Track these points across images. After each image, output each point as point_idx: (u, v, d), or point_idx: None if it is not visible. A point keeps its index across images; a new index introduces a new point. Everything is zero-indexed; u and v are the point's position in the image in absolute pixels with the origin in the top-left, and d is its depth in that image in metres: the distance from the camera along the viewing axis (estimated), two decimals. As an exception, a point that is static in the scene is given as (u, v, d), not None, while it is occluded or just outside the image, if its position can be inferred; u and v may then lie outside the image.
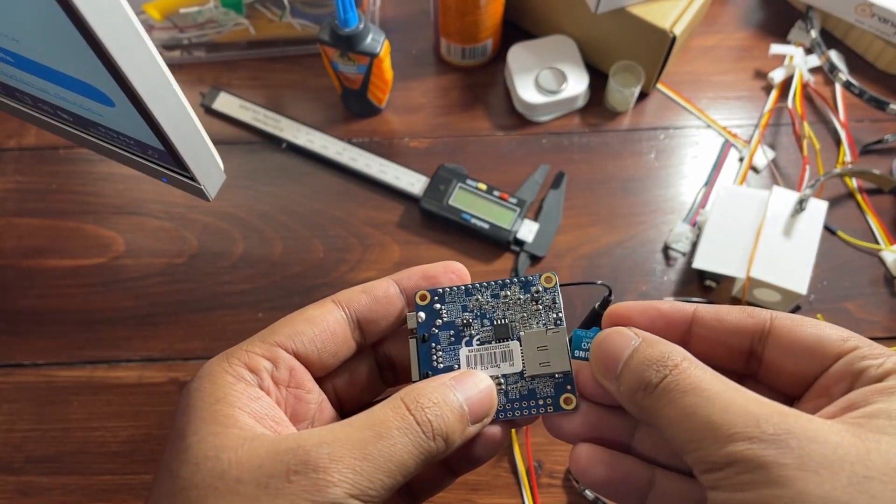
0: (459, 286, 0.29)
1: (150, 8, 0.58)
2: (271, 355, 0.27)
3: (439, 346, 0.29)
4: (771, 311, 0.25)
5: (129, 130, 0.32)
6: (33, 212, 0.57)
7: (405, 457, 0.23)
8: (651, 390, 0.23)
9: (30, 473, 0.49)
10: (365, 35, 0.52)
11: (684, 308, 0.26)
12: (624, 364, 0.24)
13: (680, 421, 0.22)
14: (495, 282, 0.29)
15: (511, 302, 0.29)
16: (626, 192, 0.57)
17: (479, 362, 0.28)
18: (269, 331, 0.28)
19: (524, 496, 0.47)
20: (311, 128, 0.58)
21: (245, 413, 0.25)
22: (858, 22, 0.58)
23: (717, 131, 0.59)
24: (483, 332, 0.29)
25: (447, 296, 0.29)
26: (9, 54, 0.30)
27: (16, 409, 0.51)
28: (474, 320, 0.29)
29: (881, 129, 0.58)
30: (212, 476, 0.23)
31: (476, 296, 0.29)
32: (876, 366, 0.22)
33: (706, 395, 0.22)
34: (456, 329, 0.29)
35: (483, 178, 0.56)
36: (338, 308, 0.29)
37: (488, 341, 0.29)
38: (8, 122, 0.60)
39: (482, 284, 0.29)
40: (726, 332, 0.25)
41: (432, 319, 0.29)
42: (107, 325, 0.53)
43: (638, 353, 0.24)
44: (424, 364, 0.29)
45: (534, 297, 0.29)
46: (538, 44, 0.59)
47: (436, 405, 0.25)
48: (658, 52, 0.56)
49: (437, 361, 0.29)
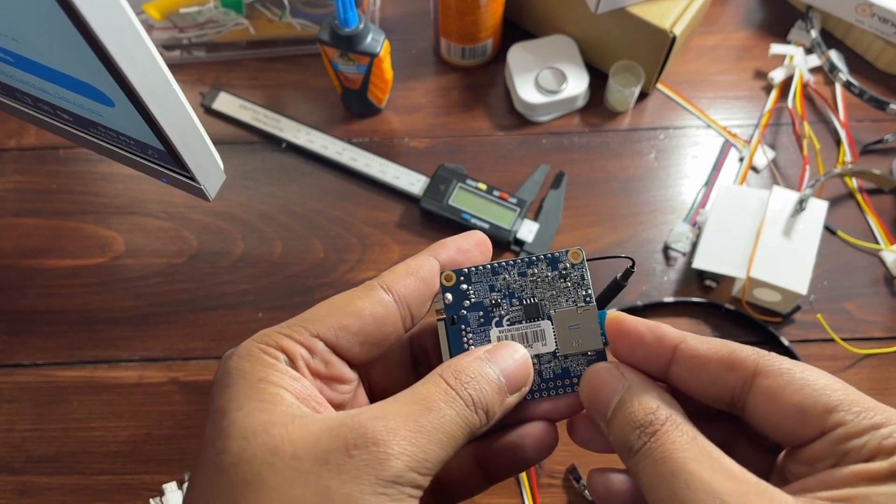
0: (485, 265, 0.28)
1: (150, 8, 0.58)
2: (310, 345, 0.26)
3: (469, 327, 0.28)
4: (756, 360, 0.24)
5: (129, 130, 0.32)
6: (33, 212, 0.57)
7: (454, 428, 0.23)
8: (632, 454, 0.23)
9: (30, 473, 0.49)
10: (365, 35, 0.52)
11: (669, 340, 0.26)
12: (612, 413, 0.25)
13: (652, 488, 0.22)
14: (521, 259, 0.28)
15: (539, 280, 0.28)
16: (626, 192, 0.57)
17: None
18: (311, 316, 0.26)
19: (524, 496, 0.47)
20: (311, 128, 0.58)
21: (289, 392, 0.24)
22: (858, 22, 0.58)
23: (717, 131, 0.59)
24: (513, 312, 0.28)
25: (473, 276, 0.28)
26: (9, 54, 0.30)
27: (16, 409, 0.51)
28: (503, 300, 0.28)
29: (881, 129, 0.58)
30: (264, 451, 0.22)
31: (503, 274, 0.28)
32: (859, 447, 0.21)
33: (675, 466, 0.22)
34: (485, 310, 0.28)
35: (483, 178, 0.56)
36: (387, 296, 0.27)
37: (518, 321, 0.28)
38: (8, 122, 0.60)
39: (508, 263, 0.28)
40: (704, 382, 0.25)
41: (460, 301, 0.28)
42: (107, 325, 0.53)
43: (625, 405, 0.24)
44: (455, 347, 0.28)
45: (562, 275, 0.28)
46: (538, 44, 0.59)
47: (474, 379, 0.25)
48: (658, 51, 0.55)
49: (468, 343, 0.28)
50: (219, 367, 0.26)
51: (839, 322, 0.52)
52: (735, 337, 0.52)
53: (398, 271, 0.28)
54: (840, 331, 0.50)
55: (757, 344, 0.53)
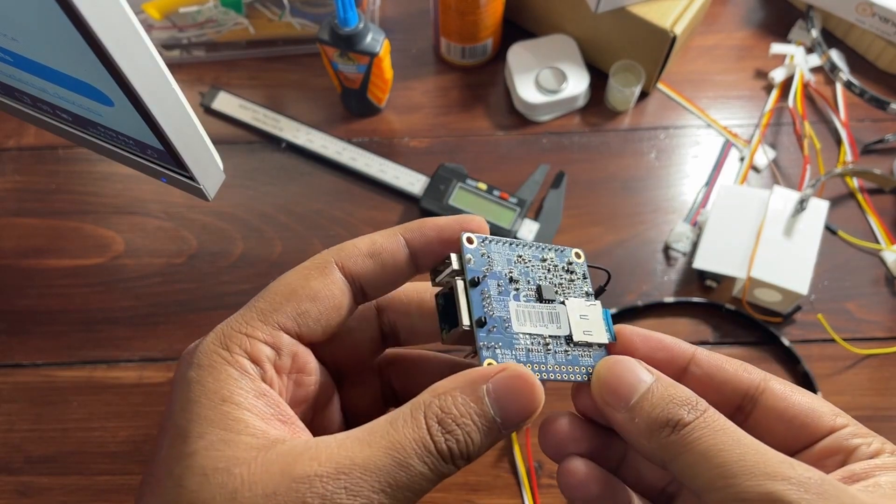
0: (503, 238, 0.28)
1: (150, 7, 0.58)
2: (274, 341, 0.24)
3: (489, 292, 0.26)
4: (765, 372, 0.25)
5: (129, 130, 0.32)
6: (32, 212, 0.57)
7: (424, 485, 0.22)
8: (680, 428, 0.23)
9: (29, 473, 0.49)
10: (365, 34, 0.52)
11: (685, 346, 0.27)
12: (641, 397, 0.24)
13: (709, 457, 0.22)
14: (535, 244, 0.28)
15: (552, 266, 0.28)
16: (626, 192, 0.57)
17: (528, 318, 0.27)
18: (268, 305, 0.25)
19: (524, 496, 0.47)
20: (311, 127, 0.58)
21: (253, 415, 0.23)
22: (859, 21, 0.58)
23: (717, 131, 0.59)
24: (528, 291, 0.27)
25: (494, 243, 0.27)
26: (8, 54, 0.30)
27: (15, 410, 0.50)
28: (520, 276, 0.27)
29: (882, 129, 0.58)
30: (223, 494, 0.21)
31: (520, 251, 0.28)
32: (867, 444, 0.23)
33: (737, 436, 0.22)
34: (504, 280, 0.27)
35: (483, 178, 0.56)
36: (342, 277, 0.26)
37: (534, 300, 0.27)
38: (7, 122, 0.60)
39: (523, 242, 0.28)
40: (722, 380, 0.26)
41: (482, 263, 0.27)
42: (106, 325, 0.53)
43: (659, 389, 0.24)
44: (478, 309, 0.26)
45: (568, 268, 0.29)
46: (538, 43, 0.59)
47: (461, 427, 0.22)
48: (658, 51, 0.55)
49: (489, 309, 0.26)
50: (178, 369, 0.24)
51: (840, 322, 0.52)
52: (735, 337, 0.52)
53: (359, 248, 0.26)
54: (841, 331, 0.50)
55: (757, 344, 0.53)
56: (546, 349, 0.27)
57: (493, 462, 0.48)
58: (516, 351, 0.26)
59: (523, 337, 0.26)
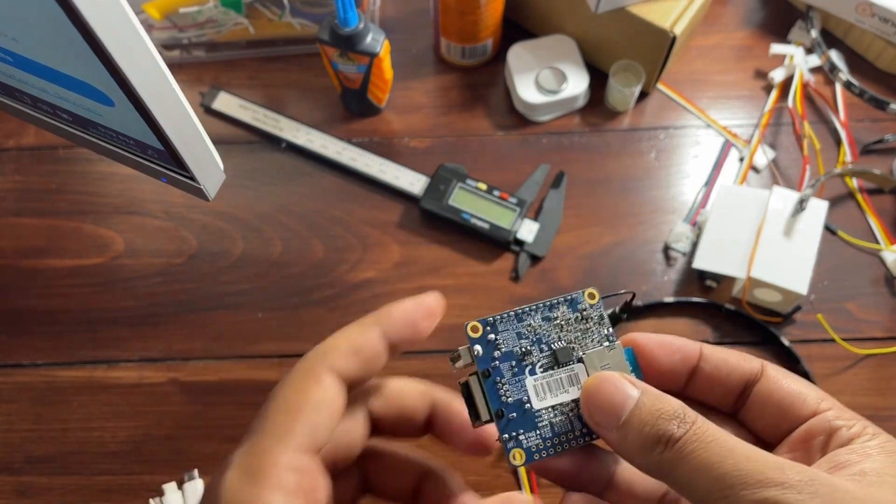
0: (509, 312, 0.27)
1: (150, 7, 0.58)
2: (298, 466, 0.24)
3: (503, 378, 0.26)
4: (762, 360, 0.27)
5: (129, 130, 0.32)
6: (32, 212, 0.57)
7: None
8: (672, 443, 0.23)
9: (29, 473, 0.49)
10: (365, 34, 0.52)
11: (693, 344, 0.27)
12: (630, 415, 0.24)
13: (705, 470, 0.22)
14: (542, 304, 0.28)
15: (563, 323, 0.28)
16: (626, 192, 0.57)
17: (548, 390, 0.27)
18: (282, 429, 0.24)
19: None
20: (311, 127, 0.58)
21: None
22: (859, 22, 0.58)
23: (717, 131, 0.59)
24: (544, 359, 0.27)
25: (499, 323, 0.27)
26: (8, 54, 0.30)
27: (15, 409, 0.50)
28: (532, 347, 0.27)
29: (881, 129, 0.58)
30: None
31: (528, 320, 0.27)
32: (848, 426, 0.24)
33: (728, 445, 0.23)
34: (516, 358, 0.27)
35: (483, 178, 0.56)
36: (334, 381, 0.25)
37: (551, 367, 0.27)
38: (7, 122, 0.60)
39: (531, 308, 0.28)
40: (727, 371, 0.27)
41: (490, 352, 0.27)
42: (106, 325, 0.53)
43: (646, 405, 0.24)
44: (494, 401, 0.26)
45: (583, 316, 0.28)
46: (538, 43, 0.59)
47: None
48: (658, 51, 0.55)
49: (505, 396, 0.26)
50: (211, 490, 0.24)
51: (839, 322, 0.52)
52: (735, 337, 0.52)
53: (341, 348, 0.26)
54: (840, 331, 0.50)
55: (757, 344, 0.53)
56: (571, 415, 0.26)
57: (493, 462, 0.48)
58: (540, 430, 0.26)
59: (545, 412, 0.26)
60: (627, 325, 0.52)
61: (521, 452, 0.26)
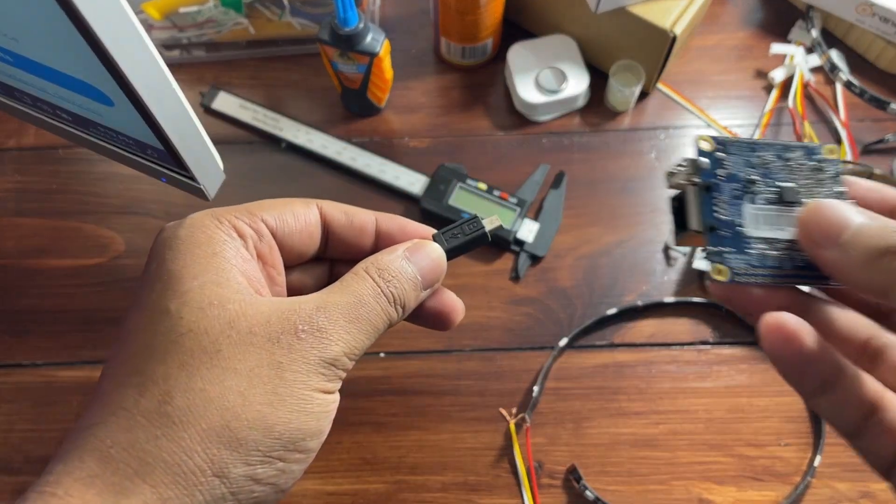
0: (744, 138, 0.27)
1: (150, 7, 0.58)
2: (257, 227, 0.28)
3: (723, 196, 0.26)
4: None
5: (129, 130, 0.32)
6: (33, 212, 0.57)
7: (378, 321, 0.27)
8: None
9: (28, 474, 0.49)
10: (365, 34, 0.52)
11: None
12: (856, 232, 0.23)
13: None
14: (780, 143, 0.27)
15: (796, 166, 0.27)
16: (626, 192, 0.57)
17: (764, 222, 0.26)
18: (255, 205, 0.28)
19: (524, 496, 0.47)
20: (311, 127, 0.58)
21: (238, 272, 0.26)
22: (859, 21, 0.58)
23: (717, 131, 0.59)
24: (768, 192, 0.26)
25: (731, 145, 0.26)
26: (8, 53, 0.30)
27: (15, 410, 0.50)
28: (759, 177, 0.26)
29: (882, 129, 0.58)
30: (221, 323, 0.24)
31: (761, 152, 0.26)
32: None
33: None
34: (740, 182, 0.26)
35: (483, 178, 0.56)
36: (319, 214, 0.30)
37: (773, 203, 0.26)
38: (7, 122, 0.60)
39: (766, 142, 0.27)
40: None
41: (715, 167, 0.26)
42: (107, 325, 0.53)
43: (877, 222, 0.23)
44: (707, 214, 0.25)
45: (819, 166, 0.27)
46: (538, 43, 0.59)
47: (395, 278, 0.27)
48: (658, 51, 0.55)
49: (720, 213, 0.26)
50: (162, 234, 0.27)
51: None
52: (735, 337, 0.52)
53: (337, 205, 0.30)
54: (841, 331, 0.50)
55: (757, 344, 0.53)
56: (783, 254, 0.25)
57: (493, 462, 0.48)
58: (749, 255, 0.25)
59: (757, 242, 0.25)
60: (630, 323, 0.52)
61: (724, 269, 0.25)
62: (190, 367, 0.23)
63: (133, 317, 0.25)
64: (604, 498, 0.47)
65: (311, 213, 0.29)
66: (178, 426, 0.23)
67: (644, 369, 0.51)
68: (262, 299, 0.25)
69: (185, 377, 0.23)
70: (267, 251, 0.28)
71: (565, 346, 0.51)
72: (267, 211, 0.28)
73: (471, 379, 0.50)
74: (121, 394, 0.23)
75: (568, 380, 0.51)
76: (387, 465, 0.49)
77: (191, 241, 0.26)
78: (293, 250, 0.29)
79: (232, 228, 0.27)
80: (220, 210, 0.28)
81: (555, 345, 0.51)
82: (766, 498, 0.48)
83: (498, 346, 0.52)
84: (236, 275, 0.26)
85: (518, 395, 0.50)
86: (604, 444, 0.49)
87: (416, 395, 0.50)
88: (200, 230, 0.26)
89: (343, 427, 0.49)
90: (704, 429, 0.49)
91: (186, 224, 0.27)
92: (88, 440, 0.23)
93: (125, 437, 0.22)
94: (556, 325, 0.52)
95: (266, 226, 0.28)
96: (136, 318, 0.25)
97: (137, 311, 0.25)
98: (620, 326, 0.52)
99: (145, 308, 0.25)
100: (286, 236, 0.29)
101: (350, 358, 0.26)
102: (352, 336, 0.26)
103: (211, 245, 0.26)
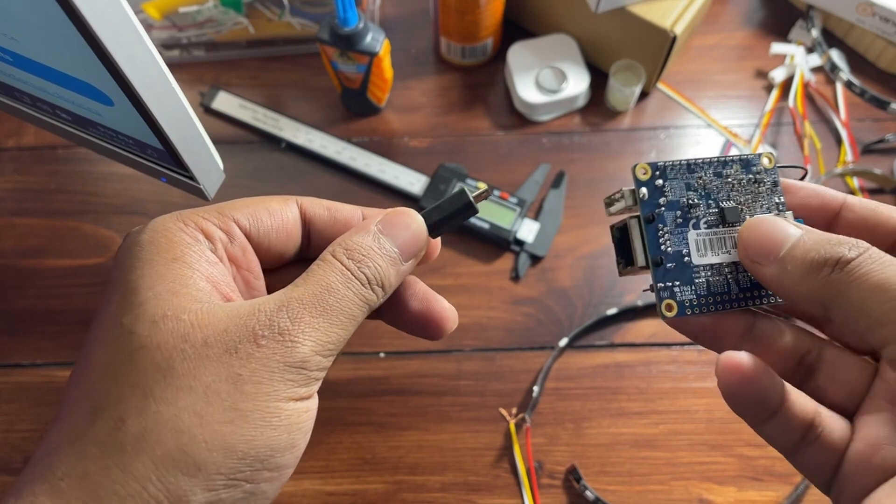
0: (681, 161, 0.26)
1: (150, 7, 0.58)
2: (227, 228, 0.26)
3: (666, 227, 0.25)
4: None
5: (129, 130, 0.32)
6: (32, 212, 0.57)
7: (353, 308, 0.24)
8: (843, 265, 0.22)
9: (29, 474, 0.49)
10: (364, 34, 0.52)
11: (835, 192, 0.26)
12: (792, 247, 0.23)
13: (881, 291, 0.21)
14: (716, 159, 0.26)
15: (735, 182, 0.26)
16: (626, 192, 0.57)
17: (709, 248, 0.26)
18: (227, 205, 0.26)
19: (524, 496, 0.47)
20: (311, 127, 0.58)
21: (202, 276, 0.24)
22: (860, 21, 0.58)
23: (717, 131, 0.59)
24: (710, 215, 0.26)
25: (669, 171, 0.26)
26: (8, 53, 0.30)
27: (15, 410, 0.50)
28: (699, 200, 0.26)
29: (882, 129, 0.58)
30: (174, 337, 0.22)
31: (699, 173, 0.26)
32: None
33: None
34: (682, 209, 0.26)
35: (483, 178, 0.56)
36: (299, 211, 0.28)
37: (716, 225, 0.26)
38: (6, 122, 0.60)
39: (704, 161, 0.26)
40: (877, 222, 0.25)
41: (656, 198, 0.26)
42: (106, 325, 0.53)
43: (811, 236, 0.23)
44: (653, 247, 0.25)
45: (756, 179, 0.27)
46: (538, 43, 0.59)
47: (367, 256, 0.25)
48: (659, 51, 0.55)
49: (665, 245, 0.25)
50: (125, 240, 0.25)
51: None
52: (736, 337, 0.52)
53: (319, 201, 0.28)
54: (841, 331, 0.50)
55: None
56: (728, 277, 0.25)
57: (493, 462, 0.48)
58: (696, 286, 0.25)
59: (703, 269, 0.25)
60: (630, 323, 0.52)
61: (673, 304, 0.25)
62: (143, 388, 0.22)
63: (92, 332, 0.24)
64: (604, 498, 0.47)
65: (288, 211, 0.27)
66: (130, 454, 0.21)
67: (644, 369, 0.51)
68: (221, 306, 0.23)
69: (139, 399, 0.22)
70: (240, 254, 0.26)
71: (565, 346, 0.51)
72: (239, 210, 0.26)
73: (471, 379, 0.50)
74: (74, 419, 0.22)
75: (568, 380, 0.51)
76: (386, 465, 0.49)
77: (151, 247, 0.24)
78: (271, 251, 0.27)
79: (198, 230, 0.25)
80: (188, 212, 0.26)
81: (555, 345, 0.51)
82: (766, 498, 0.48)
83: (498, 346, 0.52)
84: (198, 281, 0.24)
85: (518, 395, 0.50)
86: (604, 445, 0.49)
87: (416, 395, 0.50)
88: (162, 234, 0.24)
89: (343, 427, 0.49)
90: (705, 429, 0.49)
91: (149, 228, 0.25)
92: (43, 472, 0.21)
93: (78, 468, 0.21)
94: (557, 325, 0.52)
95: (238, 226, 0.26)
96: (95, 334, 0.24)
97: (96, 327, 0.24)
98: (620, 326, 0.52)
99: (102, 323, 0.24)
100: (262, 236, 0.27)
101: (324, 356, 0.23)
102: (321, 332, 0.23)
103: (171, 250, 0.24)
